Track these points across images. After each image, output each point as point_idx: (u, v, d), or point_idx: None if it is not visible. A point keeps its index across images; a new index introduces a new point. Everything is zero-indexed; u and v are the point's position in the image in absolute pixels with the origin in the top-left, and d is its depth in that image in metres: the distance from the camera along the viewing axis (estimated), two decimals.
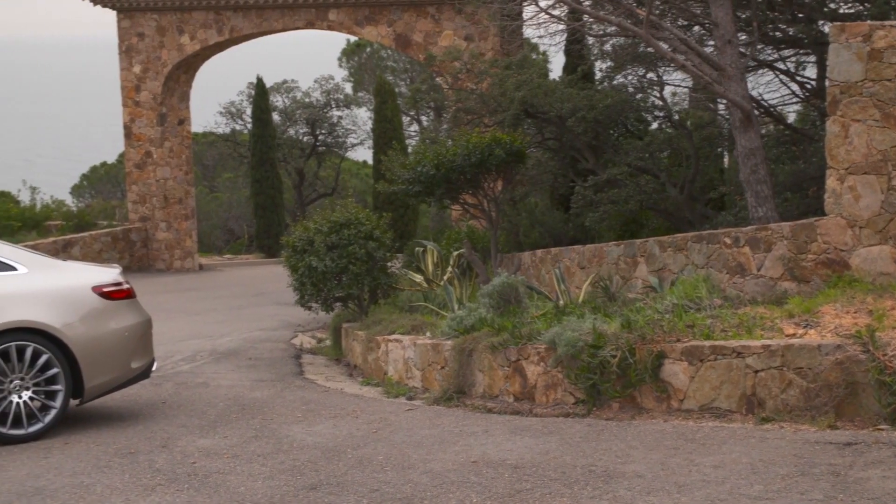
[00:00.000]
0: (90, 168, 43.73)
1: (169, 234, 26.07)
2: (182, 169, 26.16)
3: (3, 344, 8.12)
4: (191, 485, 6.79)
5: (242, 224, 36.06)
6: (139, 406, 9.56)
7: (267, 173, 31.22)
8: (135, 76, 25.54)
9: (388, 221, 13.90)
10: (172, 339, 14.48)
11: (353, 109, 36.22)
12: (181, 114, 26.22)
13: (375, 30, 24.06)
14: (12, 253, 8.66)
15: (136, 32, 25.33)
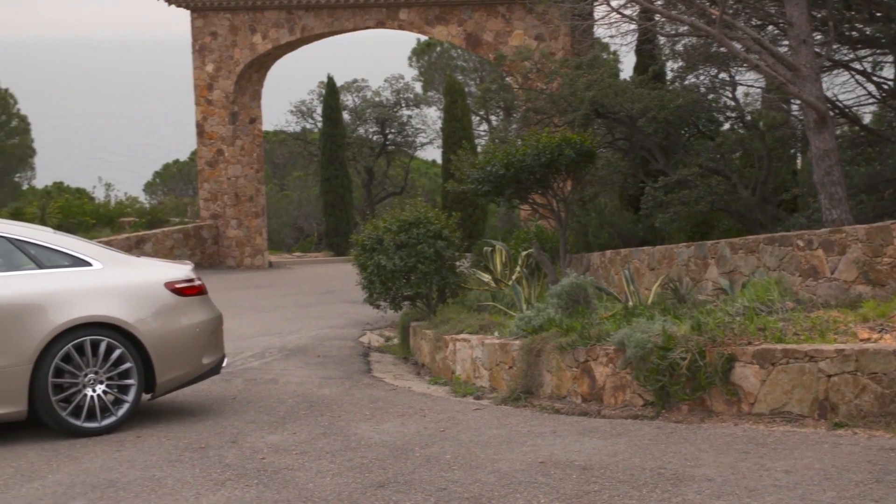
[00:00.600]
0: (163, 165, 44.30)
1: (239, 232, 26.32)
2: (253, 167, 26.40)
3: (78, 338, 8.26)
4: (260, 480, 6.85)
5: (312, 222, 36.31)
6: (209, 401, 9.66)
7: (336, 172, 31.40)
8: (208, 75, 25.81)
9: (457, 221, 13.91)
10: (242, 335, 14.62)
11: (422, 109, 36.32)
12: (252, 112, 26.46)
13: (446, 29, 24.09)
14: (88, 249, 8.80)
15: (210, 32, 25.61)
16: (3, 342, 8.05)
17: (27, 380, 8.11)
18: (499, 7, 23.69)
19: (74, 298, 8.33)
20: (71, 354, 8.25)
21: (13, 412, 8.14)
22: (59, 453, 7.80)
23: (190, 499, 6.54)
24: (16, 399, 8.10)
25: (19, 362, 8.08)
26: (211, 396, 9.89)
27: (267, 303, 19.26)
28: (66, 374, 8.24)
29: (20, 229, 8.73)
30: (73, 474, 7.22)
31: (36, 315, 8.17)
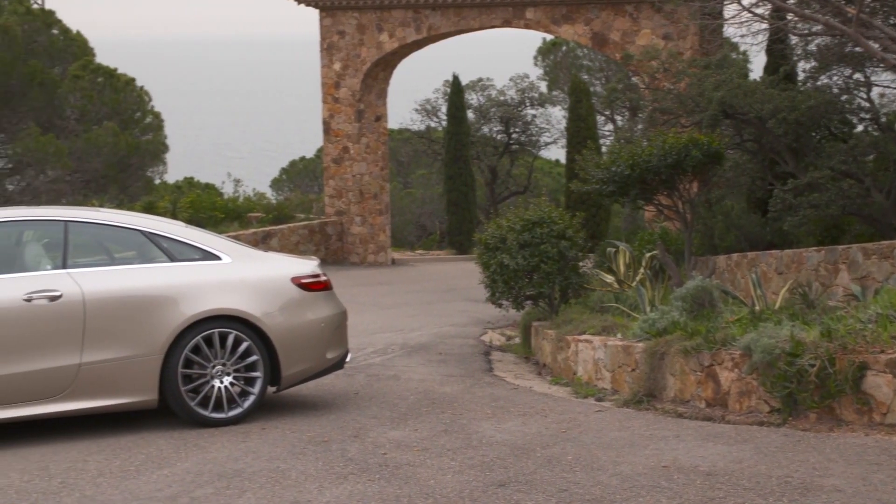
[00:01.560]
0: (289, 162, 45.01)
1: (363, 229, 26.59)
2: (378, 165, 26.65)
3: (206, 330, 8.44)
4: (382, 475, 6.90)
5: (434, 220, 36.49)
6: (333, 396, 9.77)
7: (460, 170, 31.50)
8: (335, 73, 26.14)
9: (581, 221, 13.83)
10: (365, 331, 14.76)
11: (547, 108, 36.21)
12: (378, 110, 26.71)
13: (572, 28, 23.98)
14: (217, 243, 8.98)
15: (338, 30, 25.92)
16: (136, 332, 8.27)
17: (158, 369, 8.31)
18: (626, 6, 23.48)
19: (204, 291, 8.51)
20: (200, 346, 8.43)
21: (144, 401, 8.36)
22: (187, 442, 7.98)
23: (313, 491, 6.62)
24: (147, 388, 8.32)
25: (151, 352, 8.30)
26: (334, 391, 10.00)
27: (389, 300, 19.42)
28: (195, 365, 8.43)
29: (153, 223, 8.95)
30: (200, 463, 7.38)
31: (167, 307, 8.37)
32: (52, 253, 8.49)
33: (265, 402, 8.98)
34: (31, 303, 8.07)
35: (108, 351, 8.22)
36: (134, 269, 8.57)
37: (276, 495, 6.58)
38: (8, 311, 8.01)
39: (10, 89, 26.86)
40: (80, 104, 28.55)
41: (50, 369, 8.06)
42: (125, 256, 8.90)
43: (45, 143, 25.75)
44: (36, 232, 8.76)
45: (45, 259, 8.47)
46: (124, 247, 8.92)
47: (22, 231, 8.71)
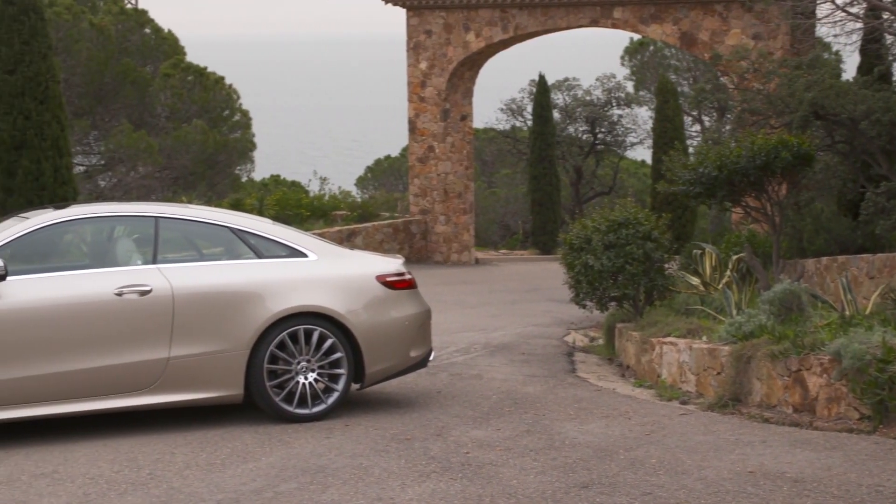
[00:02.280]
0: (374, 161, 45.23)
1: (447, 228, 26.64)
2: (463, 164, 26.67)
3: (292, 327, 8.52)
4: (464, 474, 6.91)
5: (518, 220, 36.42)
6: (415, 394, 9.80)
7: (545, 170, 31.40)
8: (421, 72, 26.22)
9: (667, 222, 13.70)
10: (448, 330, 14.77)
11: (633, 108, 35.93)
12: (464, 109, 26.73)
13: (660, 28, 23.77)
14: (304, 240, 9.07)
15: (424, 30, 26.00)
16: (223, 328, 8.38)
17: (244, 365, 8.42)
18: (716, 5, 23.21)
19: (290, 288, 8.60)
20: (285, 342, 8.51)
21: (230, 395, 8.46)
22: (271, 437, 8.06)
23: (396, 489, 6.65)
24: (233, 383, 8.42)
25: (237, 347, 8.40)
26: (417, 389, 10.03)
27: (472, 299, 19.42)
28: (280, 360, 8.52)
29: (241, 220, 9.06)
30: (284, 458, 7.46)
31: (254, 303, 8.47)
32: (143, 248, 8.64)
33: (348, 398, 9.04)
34: (121, 297, 8.22)
35: (196, 345, 8.34)
36: (222, 266, 8.68)
37: (359, 492, 6.62)
38: (100, 305, 8.16)
39: (104, 87, 27.39)
40: (171, 102, 29.01)
41: (139, 363, 8.21)
42: (213, 252, 9.03)
43: (137, 139, 26.22)
44: (127, 227, 8.92)
45: (135, 254, 8.62)
46: (212, 243, 9.04)
47: (114, 226, 8.88)
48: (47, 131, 17.53)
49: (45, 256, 8.70)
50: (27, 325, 8.00)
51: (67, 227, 8.78)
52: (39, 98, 17.47)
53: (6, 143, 17.37)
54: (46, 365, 8.01)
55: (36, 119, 17.43)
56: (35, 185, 17.36)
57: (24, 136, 17.36)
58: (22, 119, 17.36)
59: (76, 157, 25.75)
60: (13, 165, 17.39)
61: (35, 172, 17.38)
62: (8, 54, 17.31)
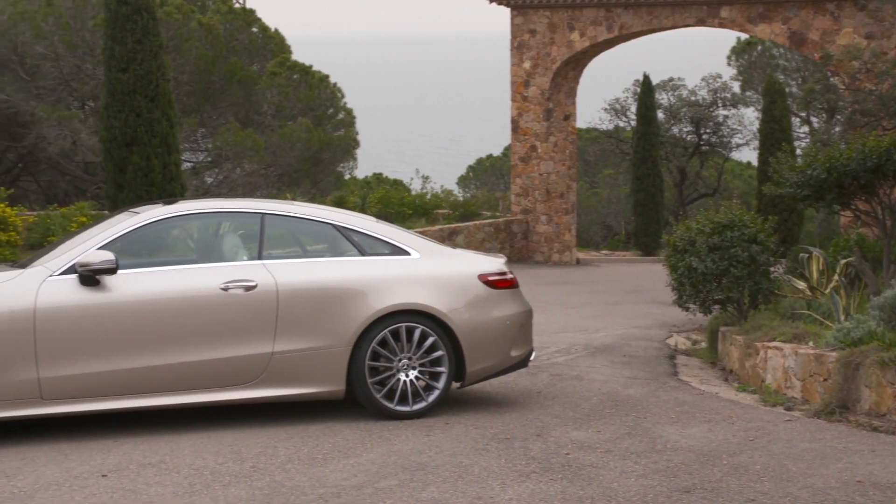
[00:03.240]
0: (476, 160, 45.28)
1: (549, 228, 26.56)
2: (565, 164, 26.56)
3: (394, 324, 8.57)
4: (564, 475, 6.88)
5: (620, 220, 36.16)
6: (516, 393, 9.78)
7: (648, 171, 31.13)
8: (524, 72, 26.17)
9: (773, 225, 13.47)
10: (548, 330, 14.72)
11: (739, 109, 35.40)
12: (567, 109, 26.62)
13: (769, 27, 23.38)
14: (406, 238, 9.11)
15: (528, 29, 25.95)
16: (325, 324, 8.46)
17: (346, 361, 8.48)
18: (827, 4, 22.76)
19: (393, 286, 8.64)
20: (387, 339, 8.56)
21: (332, 391, 8.54)
22: (372, 433, 8.12)
23: (495, 488, 6.65)
24: (335, 379, 8.50)
25: (340, 344, 8.47)
26: (517, 389, 10.01)
27: (573, 299, 19.33)
28: (382, 357, 8.57)
29: (345, 217, 9.14)
30: (385, 454, 7.50)
31: (357, 300, 8.53)
32: (249, 244, 8.77)
33: (448, 396, 9.05)
34: (227, 292, 8.35)
35: (299, 341, 8.43)
36: (325, 262, 8.77)
37: (459, 490, 6.63)
38: (207, 300, 8.30)
39: (212, 86, 27.86)
40: (277, 100, 29.38)
41: (244, 357, 8.33)
42: (317, 249, 9.12)
43: (244, 137, 26.61)
44: (233, 223, 9.06)
45: (241, 250, 8.75)
46: (316, 240, 9.13)
47: (221, 222, 9.03)
48: (157, 128, 17.89)
49: (154, 251, 8.89)
50: (136, 318, 8.17)
51: (176, 223, 8.95)
52: (150, 96, 17.85)
53: (118, 139, 17.78)
54: (154, 357, 8.17)
55: (146, 116, 17.81)
56: (144, 181, 17.74)
57: (134, 133, 17.75)
58: (133, 116, 17.75)
59: (184, 153, 26.25)
60: (124, 161, 17.79)
61: (145, 168, 17.76)
62: (121, 53, 17.72)
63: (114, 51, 17.75)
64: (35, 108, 25.42)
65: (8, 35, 26.13)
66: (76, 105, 27.65)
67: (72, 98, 27.48)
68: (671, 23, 24.52)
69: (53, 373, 7.94)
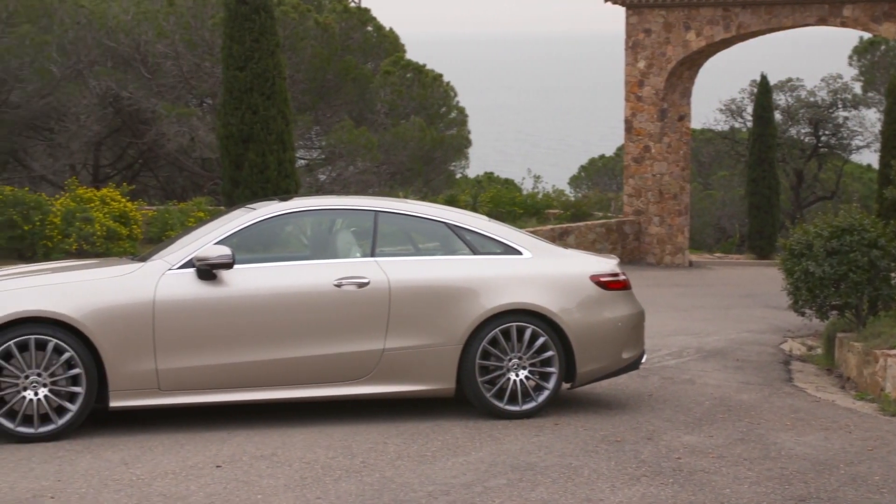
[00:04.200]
0: (588, 160, 45.01)
1: (661, 229, 26.28)
2: (679, 165, 26.25)
3: (505, 324, 8.56)
4: (675, 480, 6.80)
5: (735, 223, 35.61)
6: (625, 396, 9.70)
7: (764, 173, 30.59)
8: (639, 71, 25.94)
9: (894, 230, 13.13)
10: (659, 333, 14.57)
11: (860, 110, 34.58)
12: (681, 110, 26.30)
13: (894, 26, 22.78)
14: (518, 238, 9.10)
15: (643, 28, 25.71)
16: (437, 322, 8.49)
17: (457, 359, 8.51)
18: None
19: (504, 285, 8.64)
20: (497, 338, 8.56)
21: (442, 389, 8.57)
22: (481, 432, 8.12)
23: (605, 490, 6.60)
24: (445, 377, 8.52)
25: (451, 342, 8.50)
26: (627, 391, 9.92)
27: (685, 302, 19.09)
28: (492, 357, 8.57)
29: (458, 216, 9.15)
30: (493, 454, 7.50)
31: (468, 298, 8.55)
32: (362, 241, 8.84)
33: (558, 397, 9.02)
34: (340, 288, 8.43)
35: (410, 338, 8.48)
36: (437, 261, 8.80)
37: (569, 492, 6.59)
38: (320, 296, 8.40)
39: (326, 84, 28.16)
40: (390, 99, 29.58)
41: (356, 353, 8.40)
42: (429, 247, 9.15)
43: (358, 135, 26.84)
44: (347, 220, 9.14)
45: (354, 247, 8.82)
46: (429, 238, 9.17)
47: (334, 219, 9.12)
48: (273, 126, 18.15)
49: (269, 246, 9.02)
50: (251, 312, 8.29)
51: (291, 219, 9.07)
52: (266, 94, 18.11)
53: (234, 136, 18.08)
54: (267, 351, 8.29)
55: (262, 114, 18.07)
56: (260, 178, 18.00)
57: (251, 130, 18.03)
58: (250, 114, 18.03)
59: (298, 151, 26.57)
60: (240, 158, 18.09)
61: (260, 165, 18.03)
62: (239, 51, 18.01)
63: (232, 49, 18.05)
64: (156, 106, 26.00)
65: (131, 34, 26.78)
66: (195, 102, 28.20)
67: (191, 95, 28.04)
68: (791, 22, 24.06)
69: (171, 364, 8.11)
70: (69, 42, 26.63)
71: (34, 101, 26.22)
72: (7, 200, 17.17)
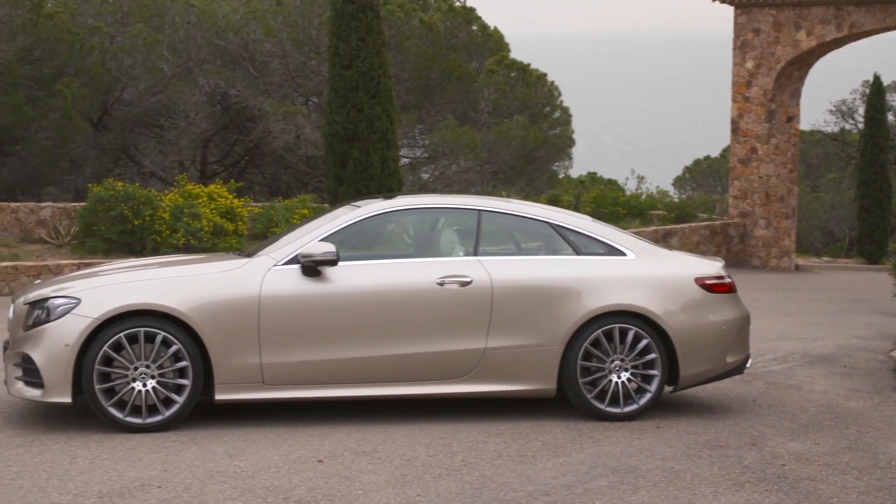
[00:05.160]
0: (693, 161, 44.50)
1: (767, 232, 25.86)
2: (786, 167, 25.80)
3: (607, 325, 8.50)
4: (780, 487, 6.68)
5: (843, 227, 34.88)
6: (729, 400, 9.56)
7: (875, 176, 29.94)
8: (746, 72, 25.56)
9: None
10: (764, 337, 14.33)
11: None
12: (790, 111, 25.85)
13: None
14: (622, 239, 9.03)
15: (752, 28, 25.32)
16: (539, 322, 8.47)
17: (558, 360, 8.47)
18: None
19: (607, 286, 8.58)
20: (600, 340, 8.51)
21: (542, 389, 8.54)
22: (581, 433, 8.08)
23: (708, 496, 6.52)
24: (546, 377, 8.49)
25: (553, 342, 8.46)
26: (731, 396, 9.78)
27: (791, 306, 18.76)
28: (594, 358, 8.51)
29: (561, 216, 9.11)
30: (594, 455, 7.46)
31: (571, 299, 8.51)
32: (465, 240, 8.85)
33: (659, 400, 8.92)
34: (443, 287, 8.45)
35: (512, 338, 8.47)
36: (540, 260, 8.77)
37: (670, 496, 6.52)
38: (423, 294, 8.43)
39: (431, 83, 28.28)
40: (494, 98, 29.58)
41: (457, 351, 8.41)
42: (532, 247, 9.13)
43: (461, 134, 26.89)
44: (450, 219, 9.16)
45: (457, 245, 8.84)
46: (532, 238, 9.15)
47: (438, 218, 9.14)
48: (377, 124, 18.28)
49: (372, 244, 9.09)
50: (354, 309, 8.36)
51: (395, 217, 9.12)
52: (371, 92, 18.24)
53: (339, 134, 18.25)
54: (369, 348, 8.34)
55: (367, 112, 18.21)
56: (364, 176, 18.15)
57: (355, 128, 18.19)
58: (355, 112, 18.19)
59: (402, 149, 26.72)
60: (345, 156, 18.25)
61: (364, 163, 18.17)
62: (345, 50, 18.18)
63: (338, 48, 18.22)
64: (262, 104, 26.37)
65: (240, 33, 27.21)
66: (300, 101, 28.54)
67: (296, 94, 28.38)
68: None
69: (274, 359, 8.21)
70: (180, 41, 27.17)
71: (145, 99, 26.81)
72: (118, 196, 17.57)
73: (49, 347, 7.99)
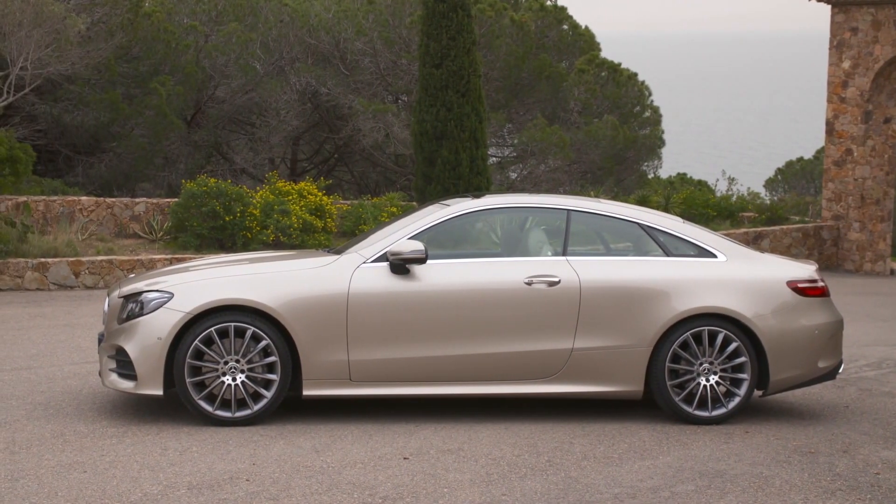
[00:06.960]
0: (786, 163, 43.80)
1: (862, 235, 25.37)
2: (883, 169, 25.29)
3: (696, 327, 8.41)
4: (873, 496, 6.55)
5: None
6: (820, 406, 9.40)
7: None
8: (843, 72, 25.10)
9: None
10: (857, 342, 14.07)
11: None
12: (888, 112, 25.33)
13: None
14: (713, 240, 8.93)
15: (850, 27, 24.85)
16: (626, 323, 8.41)
17: (646, 362, 8.40)
18: None
19: (697, 288, 8.49)
20: (688, 342, 8.42)
21: (629, 391, 8.48)
22: (668, 436, 8.01)
23: (798, 502, 6.41)
24: (633, 379, 8.43)
25: (640, 344, 8.40)
26: (822, 401, 9.62)
27: (885, 311, 18.39)
28: (682, 360, 8.43)
29: (651, 217, 9.03)
30: (681, 459, 7.38)
31: (660, 301, 8.43)
32: (553, 240, 8.82)
33: (747, 404, 8.80)
34: (531, 286, 8.43)
35: (599, 339, 8.42)
36: (629, 261, 8.71)
37: (759, 501, 6.44)
38: (510, 293, 8.42)
39: (520, 82, 28.24)
40: (584, 97, 29.45)
41: (544, 351, 8.39)
42: (621, 247, 9.07)
43: (550, 133, 26.82)
44: (538, 218, 9.13)
45: (546, 245, 8.81)
46: (620, 238, 9.09)
47: (526, 217, 9.12)
48: (466, 123, 18.31)
49: (460, 242, 9.09)
50: (442, 307, 8.37)
51: (484, 216, 9.11)
52: (461, 91, 18.28)
53: (429, 133, 18.32)
54: (457, 346, 8.35)
55: (457, 111, 18.25)
56: (452, 175, 18.19)
57: (444, 127, 18.24)
58: (444, 111, 18.24)
59: (490, 148, 26.74)
60: (433, 155, 18.31)
61: (453, 162, 18.21)
62: (435, 49, 18.24)
63: (429, 47, 18.29)
64: (352, 102, 26.56)
65: (331, 32, 27.44)
66: (390, 99, 28.69)
67: (386, 92, 28.53)
68: None
69: (362, 356, 8.27)
70: (272, 40, 27.49)
71: (238, 97, 27.18)
72: (210, 192, 17.83)
73: (142, 340, 8.14)
